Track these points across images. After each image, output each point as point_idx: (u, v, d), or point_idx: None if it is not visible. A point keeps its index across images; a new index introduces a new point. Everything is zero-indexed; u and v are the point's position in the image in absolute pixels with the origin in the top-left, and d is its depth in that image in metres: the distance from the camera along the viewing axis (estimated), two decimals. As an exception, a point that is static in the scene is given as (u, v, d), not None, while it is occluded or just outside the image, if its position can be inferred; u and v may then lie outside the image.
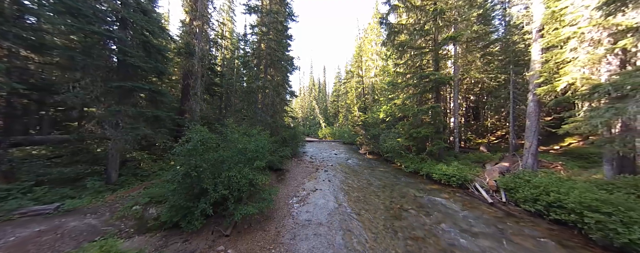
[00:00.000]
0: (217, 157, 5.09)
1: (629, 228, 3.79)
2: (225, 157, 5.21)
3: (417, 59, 12.44)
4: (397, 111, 11.95)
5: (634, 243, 3.66)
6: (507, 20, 15.06)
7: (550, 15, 7.09)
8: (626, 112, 3.57)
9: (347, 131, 25.35)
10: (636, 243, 3.64)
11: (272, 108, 12.46)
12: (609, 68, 5.73)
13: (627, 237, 3.72)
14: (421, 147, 10.70)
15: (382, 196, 7.24)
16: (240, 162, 5.44)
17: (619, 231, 3.83)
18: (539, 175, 6.64)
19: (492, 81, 14.18)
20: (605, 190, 4.93)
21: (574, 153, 9.10)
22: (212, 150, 5.25)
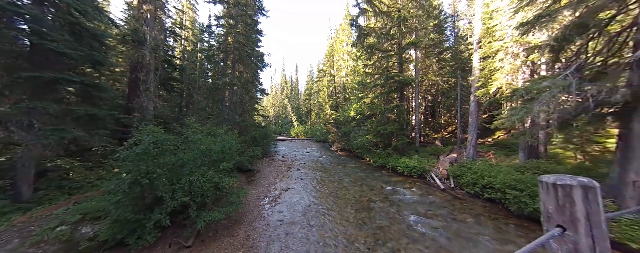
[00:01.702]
0: (175, 160, 4.65)
1: (534, 200, 4.96)
2: (185, 160, 4.80)
3: (384, 61, 13.44)
4: (366, 109, 12.74)
5: (537, 211, 4.80)
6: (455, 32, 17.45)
7: (486, 31, 8.54)
8: (533, 110, 4.63)
9: (319, 129, 25.82)
10: (538, 211, 4.78)
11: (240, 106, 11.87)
12: (523, 76, 7.25)
13: (532, 207, 4.86)
14: (387, 142, 11.67)
15: (352, 190, 7.70)
16: (204, 164, 5.08)
17: (527, 202, 4.97)
18: (477, 163, 8.00)
19: (445, 84, 16.30)
20: (519, 172, 6.27)
21: (501, 144, 11.21)
22: (170, 153, 4.77)
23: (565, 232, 0.66)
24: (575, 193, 0.65)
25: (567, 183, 0.67)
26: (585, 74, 4.74)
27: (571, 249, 0.65)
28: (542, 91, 4.59)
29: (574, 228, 0.65)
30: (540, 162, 6.83)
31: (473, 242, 4.31)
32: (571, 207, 0.65)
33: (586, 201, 0.65)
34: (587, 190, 0.65)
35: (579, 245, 0.64)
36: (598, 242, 0.64)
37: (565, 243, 0.66)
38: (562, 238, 0.66)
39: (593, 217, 0.64)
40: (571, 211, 0.65)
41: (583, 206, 0.64)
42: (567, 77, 4.44)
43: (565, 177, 0.70)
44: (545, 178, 0.73)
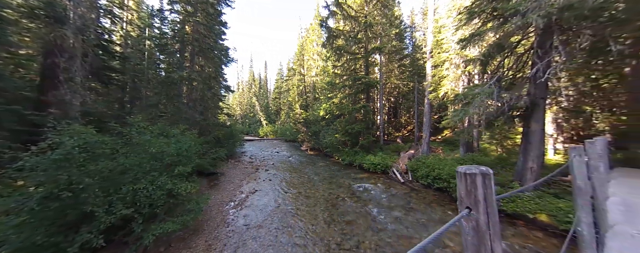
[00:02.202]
0: (113, 166, 3.99)
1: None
2: (128, 166, 4.18)
3: (351, 63, 14.15)
4: (335, 109, 13.21)
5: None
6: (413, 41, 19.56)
7: (436, 43, 9.86)
8: (469, 113, 5.62)
9: (289, 129, 25.57)
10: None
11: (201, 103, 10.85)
12: (463, 83, 8.65)
13: (468, 192, 5.89)
14: (355, 141, 12.35)
15: (321, 189, 7.92)
16: (155, 169, 4.49)
17: (464, 189, 6.00)
18: (429, 158, 9.19)
19: (405, 87, 18.13)
20: (460, 163, 7.49)
21: (448, 141, 13.14)
22: (105, 158, 4.05)
23: (471, 212, 0.81)
24: (477, 180, 0.79)
25: (472, 172, 0.81)
26: (502, 84, 5.97)
27: (474, 225, 0.81)
28: (474, 97, 5.59)
29: (476, 208, 0.80)
30: (474, 155, 8.30)
31: (425, 227, 4.98)
32: (475, 191, 0.80)
33: (484, 186, 0.80)
34: (485, 176, 0.80)
35: (479, 222, 0.80)
36: (491, 217, 0.81)
37: (470, 221, 0.81)
38: (469, 217, 0.81)
39: (488, 198, 0.81)
40: (475, 194, 0.80)
41: (482, 190, 0.80)
42: (491, 86, 5.52)
43: (472, 167, 0.83)
44: (460, 169, 0.85)
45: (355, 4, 13.40)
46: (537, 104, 5.39)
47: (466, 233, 0.82)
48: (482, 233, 0.79)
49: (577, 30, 4.74)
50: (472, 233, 0.80)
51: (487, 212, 0.79)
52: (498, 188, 5.63)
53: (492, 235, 0.79)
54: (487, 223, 0.80)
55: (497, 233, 0.80)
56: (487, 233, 0.78)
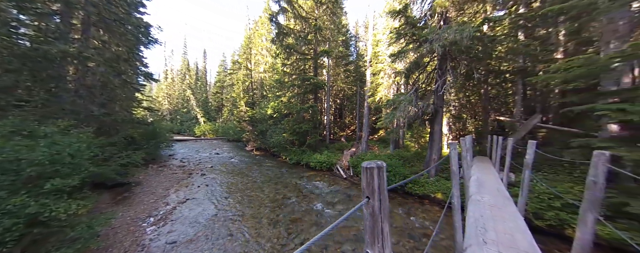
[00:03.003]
0: None
1: (396, 177, 7.27)
2: None
3: (301, 63, 14.30)
4: (283, 108, 13.01)
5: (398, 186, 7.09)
6: (357, 50, 21.79)
7: (374, 54, 11.35)
8: (396, 116, 6.81)
9: (232, 127, 23.31)
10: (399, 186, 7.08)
11: (104, 92, 8.22)
12: (394, 91, 10.36)
13: (394, 182, 7.10)
14: (302, 140, 12.57)
15: (267, 190, 7.63)
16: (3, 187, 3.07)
17: (391, 179, 7.20)
18: (367, 155, 10.49)
19: (349, 90, 19.96)
20: (390, 158, 8.95)
21: (383, 140, 15.42)
22: None
23: (369, 200, 0.94)
24: (374, 173, 0.92)
25: (371, 166, 0.92)
26: (419, 94, 7.55)
27: (371, 211, 0.94)
28: (400, 103, 6.82)
29: (373, 196, 0.93)
30: (400, 151, 10.11)
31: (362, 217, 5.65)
32: (372, 182, 0.92)
33: (379, 177, 0.92)
34: (379, 169, 0.92)
35: (374, 208, 0.93)
36: (383, 203, 0.94)
37: (369, 208, 0.94)
38: (368, 204, 0.94)
39: (381, 188, 0.93)
40: (372, 185, 0.92)
41: (378, 181, 0.92)
42: (411, 95, 6.88)
43: (371, 163, 0.93)
44: (364, 164, 0.93)
45: (306, 4, 13.61)
46: (438, 111, 7.13)
47: (366, 219, 0.95)
48: (376, 217, 0.93)
49: (459, 59, 6.58)
50: (370, 218, 0.94)
51: (380, 199, 0.93)
52: (414, 177, 7.13)
53: (382, 217, 0.94)
54: (380, 208, 0.93)
55: (386, 215, 0.95)
56: (379, 216, 0.93)
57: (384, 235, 0.94)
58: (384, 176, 0.94)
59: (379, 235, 0.93)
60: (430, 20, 7.14)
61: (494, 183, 4.08)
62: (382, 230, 0.93)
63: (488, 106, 10.16)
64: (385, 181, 0.95)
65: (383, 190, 0.93)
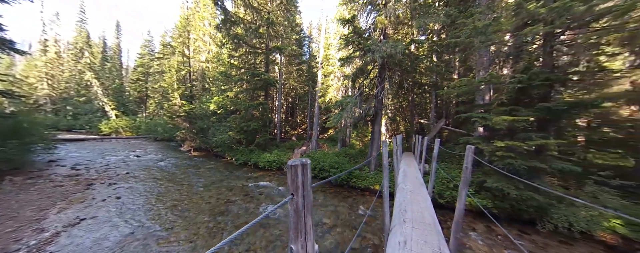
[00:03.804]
0: None
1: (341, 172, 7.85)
2: None
3: (251, 57, 13.29)
4: (229, 104, 11.75)
5: (345, 180, 7.67)
6: (310, 51, 22.21)
7: (325, 57, 11.87)
8: (343, 116, 7.37)
9: (161, 123, 19.27)
10: (346, 180, 7.65)
11: None
12: (342, 93, 11.16)
13: (342, 177, 7.66)
14: (251, 139, 11.76)
15: (207, 196, 6.73)
16: None
17: (338, 175, 7.77)
18: (317, 153, 10.87)
19: (301, 90, 20.10)
20: (337, 156, 9.60)
21: (332, 138, 16.39)
22: None
23: (294, 197, 0.95)
24: (299, 170, 0.92)
25: (296, 164, 0.92)
26: (363, 97, 8.44)
27: (295, 207, 0.96)
28: (347, 104, 7.42)
29: (297, 193, 0.94)
30: (347, 149, 11.01)
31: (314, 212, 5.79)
32: (297, 179, 0.93)
33: (303, 174, 0.93)
34: (304, 167, 0.93)
35: (298, 204, 0.95)
36: (306, 199, 0.96)
37: (293, 204, 0.96)
38: (292, 201, 0.96)
39: (305, 184, 0.95)
40: (296, 182, 0.93)
41: (301, 178, 0.93)
42: (357, 98, 7.61)
43: (297, 160, 0.93)
44: (289, 162, 0.94)
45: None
46: (378, 113, 8.20)
47: (290, 215, 0.97)
48: (299, 213, 0.96)
49: (394, 70, 7.80)
50: (294, 214, 0.96)
51: (304, 195, 0.95)
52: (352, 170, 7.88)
53: (305, 212, 0.97)
54: (304, 204, 0.96)
55: (309, 210, 0.99)
56: (302, 211, 0.96)
57: (306, 229, 0.97)
58: (308, 173, 0.96)
59: (303, 230, 0.96)
60: (373, 33, 8.12)
61: (414, 174, 5.06)
62: (306, 224, 0.96)
63: (414, 111, 12.59)
64: (309, 178, 0.97)
65: (307, 186, 0.95)
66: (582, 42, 4.64)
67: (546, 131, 5.12)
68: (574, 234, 4.36)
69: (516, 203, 4.84)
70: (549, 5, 4.37)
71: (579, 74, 5.07)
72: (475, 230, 4.66)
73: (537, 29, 4.48)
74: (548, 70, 4.95)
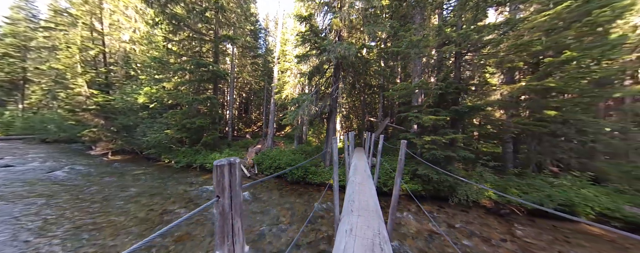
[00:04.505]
0: None
1: (299, 170, 7.89)
2: None
3: (196, 44, 11.52)
4: (167, 97, 9.87)
5: (300, 177, 7.72)
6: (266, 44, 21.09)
7: (282, 52, 11.53)
8: (298, 113, 7.39)
9: (55, 119, 14.47)
10: (301, 177, 7.71)
11: None
12: (299, 90, 11.13)
13: (296, 175, 7.70)
14: (196, 138, 10.31)
15: (134, 208, 5.52)
16: None
17: (294, 173, 7.77)
18: (273, 151, 10.54)
19: (257, 85, 18.92)
20: (294, 153, 9.58)
21: (289, 136, 16.20)
22: None
23: (219, 199, 0.88)
24: (225, 170, 0.85)
25: (222, 163, 0.85)
26: (319, 96, 8.68)
27: (221, 210, 0.89)
28: (303, 102, 7.46)
29: (223, 194, 0.88)
30: (303, 146, 11.11)
31: (263, 214, 5.58)
32: (223, 180, 0.86)
33: (230, 174, 0.87)
34: (231, 166, 0.86)
35: (224, 206, 0.88)
36: (234, 200, 0.89)
37: (218, 207, 0.89)
38: (217, 203, 0.89)
39: (233, 184, 0.88)
40: (223, 183, 0.86)
41: (228, 178, 0.87)
42: (313, 95, 7.75)
43: (223, 160, 0.87)
44: (216, 162, 0.87)
45: (203, -28, 11.06)
46: (332, 111, 8.62)
47: (215, 219, 0.91)
48: (226, 216, 0.89)
49: (347, 71, 8.36)
50: (219, 217, 0.89)
51: (231, 196, 0.89)
52: (313, 168, 8.08)
53: (233, 215, 0.91)
54: (231, 205, 0.89)
55: (238, 212, 0.93)
56: (229, 214, 0.90)
57: (234, 232, 0.93)
58: (237, 173, 0.90)
59: (229, 234, 0.92)
60: (329, 34, 8.42)
61: (363, 167, 5.62)
62: (233, 227, 0.91)
63: (365, 109, 13.89)
64: (238, 178, 0.92)
65: (234, 187, 0.90)
66: (476, 62, 6.22)
67: (456, 128, 6.65)
68: (469, 204, 5.88)
69: (437, 185, 6.10)
70: (457, 32, 5.63)
71: (474, 85, 6.78)
72: (410, 210, 5.61)
73: (451, 49, 5.71)
74: (457, 82, 6.41)
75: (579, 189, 5.60)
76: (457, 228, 4.87)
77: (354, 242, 1.92)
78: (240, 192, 0.92)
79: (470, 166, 7.01)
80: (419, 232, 4.60)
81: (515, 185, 6.02)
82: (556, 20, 5.04)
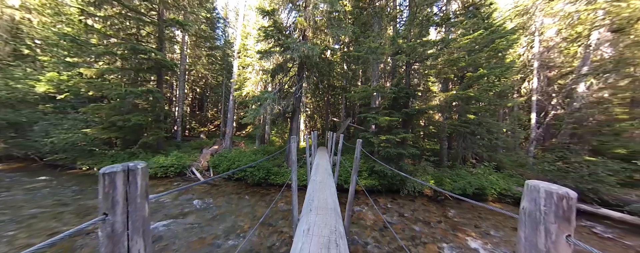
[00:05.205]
0: None
1: (259, 171, 7.50)
2: None
3: (131, 24, 9.55)
4: (85, 87, 7.85)
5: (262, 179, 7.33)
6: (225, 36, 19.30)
7: (243, 46, 10.75)
8: (260, 112, 7.02)
9: None
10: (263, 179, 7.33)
11: None
12: (260, 88, 10.59)
13: (258, 177, 7.30)
14: (133, 138, 8.59)
15: (26, 233, 4.20)
16: None
17: (255, 174, 7.36)
18: (232, 152, 9.73)
19: (214, 80, 17.11)
20: (255, 154, 9.07)
21: (250, 135, 15.24)
22: None
23: (107, 217, 0.68)
24: (118, 179, 0.67)
25: (113, 170, 0.67)
26: (282, 94, 8.46)
27: (109, 232, 0.68)
28: (265, 100, 7.13)
29: (113, 211, 0.68)
30: (266, 146, 10.64)
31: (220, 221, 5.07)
32: (114, 192, 0.67)
33: (126, 183, 0.69)
34: (131, 173, 0.69)
35: (114, 226, 0.68)
36: (132, 216, 0.70)
37: (106, 228, 0.68)
38: (104, 223, 0.68)
39: (131, 196, 0.70)
40: (113, 196, 0.67)
41: (123, 189, 0.68)
42: (276, 94, 7.50)
43: (115, 166, 0.69)
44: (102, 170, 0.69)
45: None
46: (296, 110, 8.54)
47: (100, 243, 0.69)
48: (116, 238, 0.69)
49: (311, 71, 8.43)
50: (107, 241, 0.68)
51: (128, 211, 0.70)
52: (276, 169, 7.81)
53: (131, 234, 0.71)
54: (127, 223, 0.70)
55: (138, 230, 0.73)
56: (124, 234, 0.70)
57: None
58: (138, 182, 0.72)
59: None
60: (293, 32, 8.29)
61: (325, 166, 5.76)
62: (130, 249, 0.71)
63: (329, 110, 14.28)
64: (140, 188, 0.72)
65: (134, 199, 0.71)
66: (422, 71, 7.20)
67: (406, 128, 7.55)
68: (416, 194, 6.78)
69: (391, 180, 6.77)
70: (407, 43, 6.39)
71: (420, 91, 7.84)
72: (368, 204, 6.05)
73: (402, 58, 6.43)
74: (407, 87, 7.28)
75: (487, 176, 7.16)
76: (406, 216, 5.53)
77: (310, 241, 1.93)
78: (145, 203, 0.75)
79: (417, 161, 8.07)
80: (376, 223, 5.01)
81: (448, 175, 7.24)
82: (474, 44, 6.32)
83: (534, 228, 0.66)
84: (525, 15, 10.01)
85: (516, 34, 7.28)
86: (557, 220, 0.63)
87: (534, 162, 8.31)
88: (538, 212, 0.65)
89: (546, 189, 0.64)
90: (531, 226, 0.67)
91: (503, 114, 10.68)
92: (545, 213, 0.64)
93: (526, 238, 0.68)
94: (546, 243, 0.64)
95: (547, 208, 0.64)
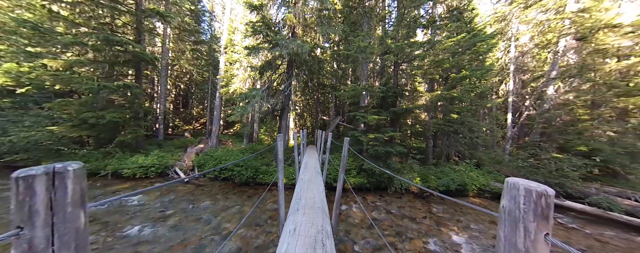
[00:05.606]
0: None
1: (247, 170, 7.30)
2: None
3: (105, 12, 8.81)
4: (51, 79, 7.15)
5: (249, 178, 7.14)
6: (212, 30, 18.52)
7: (230, 41, 10.36)
8: (248, 110, 6.82)
9: None
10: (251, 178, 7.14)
11: None
12: (248, 85, 10.29)
13: (245, 176, 7.11)
14: (107, 137, 8.00)
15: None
16: None
17: (243, 174, 7.15)
18: (218, 151, 9.39)
19: (200, 76, 16.38)
20: (242, 153, 8.82)
21: (238, 134, 14.82)
22: None
23: (21, 231, 0.55)
24: (38, 185, 0.55)
25: (29, 174, 0.55)
26: (271, 92, 8.27)
27: (25, 249, 0.55)
28: (253, 97, 6.93)
29: (31, 223, 0.55)
30: (254, 145, 10.39)
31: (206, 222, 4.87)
32: (32, 200, 0.55)
33: (52, 188, 0.57)
34: (56, 175, 0.57)
35: (34, 241, 0.55)
36: (59, 229, 0.58)
37: (21, 245, 0.54)
38: (19, 238, 0.54)
39: (58, 204, 0.57)
40: (30, 205, 0.55)
41: (46, 195, 0.56)
42: (264, 91, 7.31)
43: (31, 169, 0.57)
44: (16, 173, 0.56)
45: None
46: (285, 108, 8.40)
47: None
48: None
49: (301, 69, 8.31)
50: None
51: (53, 222, 0.57)
52: (264, 168, 7.65)
53: (56, 251, 0.58)
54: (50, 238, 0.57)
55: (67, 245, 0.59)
56: (48, 251, 0.57)
57: None
58: (68, 186, 0.59)
59: None
60: (283, 29, 8.11)
61: (314, 164, 5.73)
62: None
63: (319, 108, 14.23)
64: (72, 193, 0.59)
65: (62, 208, 0.58)
66: (409, 71, 7.35)
67: (394, 127, 7.70)
68: (403, 191, 6.95)
69: (379, 178, 6.88)
70: (395, 44, 6.49)
71: (407, 91, 8.02)
72: (356, 202, 6.11)
73: (390, 58, 6.52)
74: (395, 87, 7.41)
75: (469, 173, 7.52)
76: (393, 213, 5.65)
77: (296, 241, 1.88)
78: (81, 212, 0.62)
79: (404, 159, 8.28)
80: (363, 220, 5.07)
81: (433, 172, 7.51)
82: (457, 46, 6.56)
83: (514, 228, 0.66)
84: (503, 22, 10.60)
85: (495, 38, 7.70)
86: (536, 219, 0.63)
87: (509, 159, 8.87)
88: (518, 210, 0.65)
89: (526, 187, 0.64)
90: (510, 225, 0.67)
91: (483, 114, 11.31)
92: (524, 211, 0.64)
93: (506, 237, 0.68)
94: (525, 243, 0.63)
95: (527, 207, 0.64)
